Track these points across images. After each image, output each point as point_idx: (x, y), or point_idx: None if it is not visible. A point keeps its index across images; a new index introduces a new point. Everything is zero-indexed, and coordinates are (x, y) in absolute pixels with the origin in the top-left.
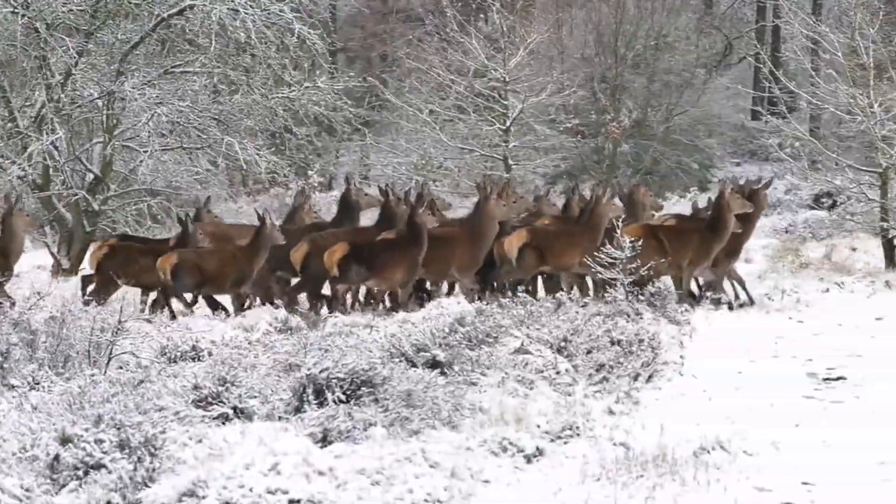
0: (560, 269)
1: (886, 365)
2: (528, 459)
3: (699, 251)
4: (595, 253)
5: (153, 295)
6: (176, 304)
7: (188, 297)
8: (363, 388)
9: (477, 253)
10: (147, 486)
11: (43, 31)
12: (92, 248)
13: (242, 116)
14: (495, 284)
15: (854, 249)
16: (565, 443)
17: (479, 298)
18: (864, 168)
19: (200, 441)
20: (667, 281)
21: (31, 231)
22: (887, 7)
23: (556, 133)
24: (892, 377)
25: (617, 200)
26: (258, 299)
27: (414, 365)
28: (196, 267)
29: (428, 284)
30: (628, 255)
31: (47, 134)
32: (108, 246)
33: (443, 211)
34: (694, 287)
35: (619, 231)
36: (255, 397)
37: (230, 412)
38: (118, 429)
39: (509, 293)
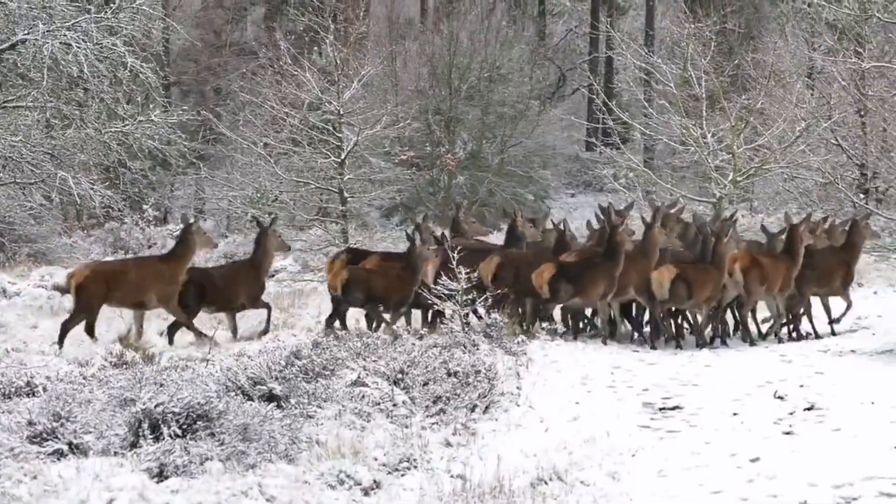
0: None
1: (721, 394)
2: (366, 492)
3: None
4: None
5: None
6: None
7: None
8: (199, 423)
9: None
10: None
11: None
12: None
13: (76, 151)
14: None
15: None
16: (402, 475)
17: None
18: (698, 198)
19: (35, 477)
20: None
21: None
22: (718, 38)
23: (392, 165)
24: (727, 406)
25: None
26: None
27: (250, 398)
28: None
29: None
30: (464, 286)
31: None
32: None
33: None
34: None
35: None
36: (91, 433)
37: (65, 448)
38: None
39: None
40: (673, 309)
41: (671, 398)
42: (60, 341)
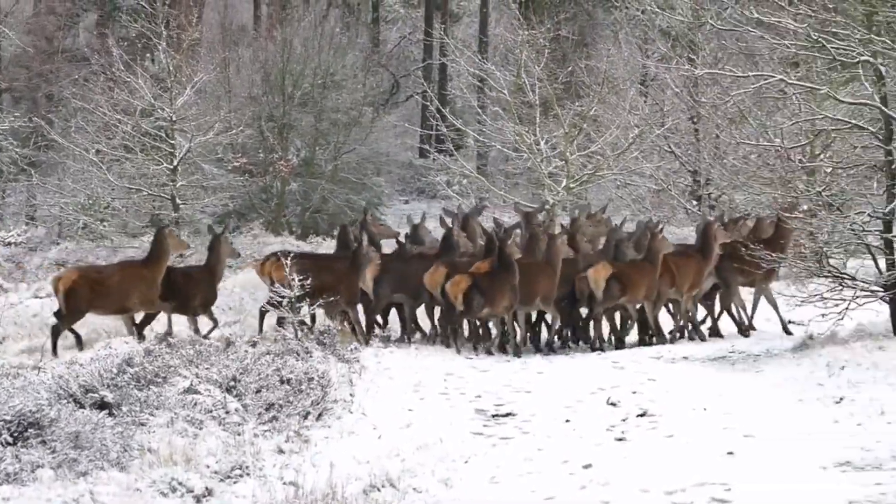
0: None
1: (554, 400)
2: (198, 500)
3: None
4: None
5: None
6: None
7: None
8: (30, 430)
9: None
10: None
11: None
12: None
13: None
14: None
15: None
16: (235, 482)
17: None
18: (531, 205)
19: None
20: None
21: None
22: (552, 45)
23: (225, 172)
24: (560, 412)
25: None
26: None
27: (82, 406)
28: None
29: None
30: (297, 293)
31: None
32: None
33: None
34: None
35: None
36: None
37: None
38: None
39: None
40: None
41: (504, 405)
42: (54, 348)
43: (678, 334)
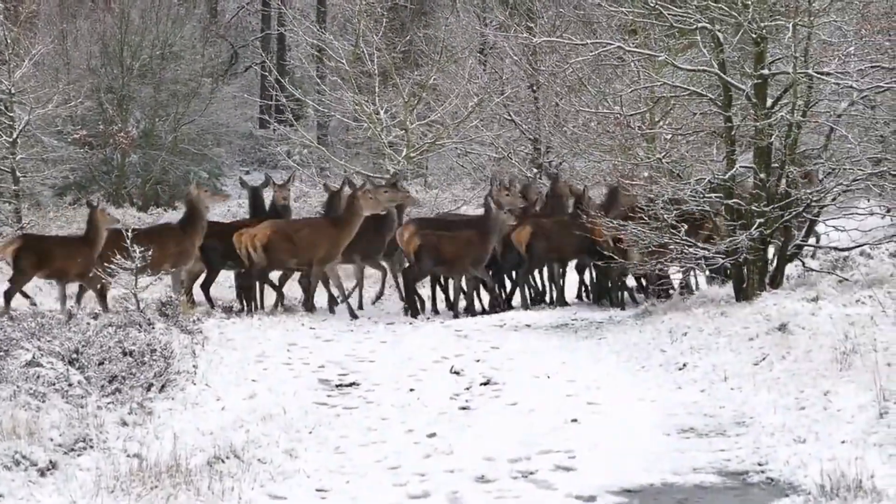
0: None
1: (397, 370)
2: (42, 473)
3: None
4: None
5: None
6: None
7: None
8: None
9: None
10: None
11: None
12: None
13: None
14: None
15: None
16: (79, 455)
17: None
18: (373, 174)
19: None
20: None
21: None
22: (390, 14)
23: (65, 144)
24: (404, 382)
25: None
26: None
27: None
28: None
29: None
30: (138, 264)
31: None
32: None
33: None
34: None
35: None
36: None
37: None
38: None
39: None
40: None
41: (348, 375)
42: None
43: None
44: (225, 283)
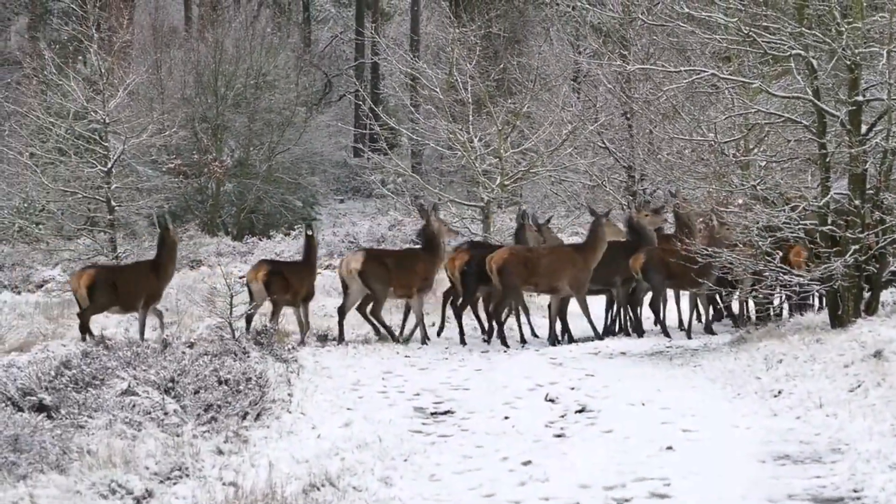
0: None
1: (492, 398)
2: (138, 501)
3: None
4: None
5: None
6: None
7: None
8: None
9: None
10: None
11: None
12: None
13: None
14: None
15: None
16: (174, 483)
17: None
18: (467, 203)
19: None
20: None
21: None
22: (484, 43)
23: (159, 174)
24: (498, 409)
25: None
26: None
27: (20, 409)
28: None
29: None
30: (234, 293)
31: None
32: None
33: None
34: None
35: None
36: None
37: None
38: None
39: None
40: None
41: (443, 402)
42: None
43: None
44: (319, 312)
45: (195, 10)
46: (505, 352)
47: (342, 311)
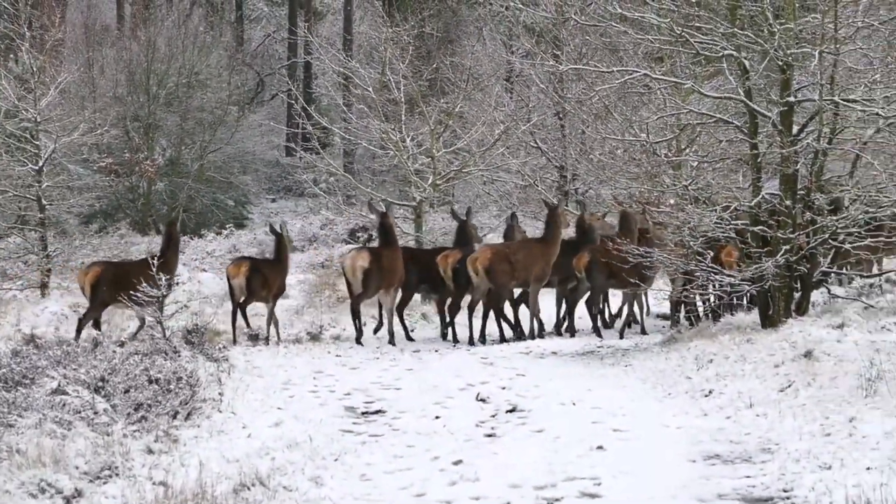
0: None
1: (423, 397)
2: (67, 501)
3: None
4: None
5: None
6: None
7: None
8: None
9: None
10: None
11: None
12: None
13: None
14: None
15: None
16: (104, 483)
17: None
18: (399, 202)
19: None
20: (205, 319)
21: None
22: (417, 42)
23: (91, 173)
24: (429, 409)
25: None
26: None
27: None
28: None
29: None
30: (164, 292)
31: None
32: None
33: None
34: None
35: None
36: None
37: None
38: None
39: None
40: None
41: (374, 402)
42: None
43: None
44: (249, 311)
45: (127, 8)
46: (437, 351)
47: (355, 305)
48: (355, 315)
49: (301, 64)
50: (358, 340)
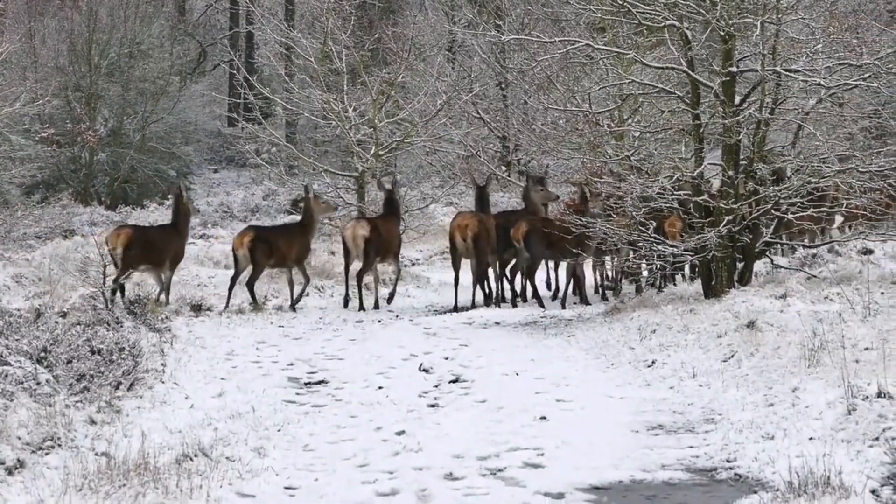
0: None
1: (366, 368)
2: (10, 472)
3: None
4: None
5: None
6: None
7: None
8: None
9: None
10: None
11: None
12: None
13: None
14: None
15: (333, 253)
16: (47, 454)
17: None
18: (341, 173)
19: None
20: (148, 288)
21: None
22: (359, 12)
23: (32, 143)
24: (372, 379)
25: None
26: None
27: None
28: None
29: None
30: (106, 263)
31: None
32: None
33: None
34: None
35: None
36: None
37: None
38: None
39: None
40: None
41: (316, 372)
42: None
43: None
44: (192, 281)
45: None
46: (380, 321)
47: (360, 276)
48: (361, 286)
49: (243, 34)
50: (361, 307)
